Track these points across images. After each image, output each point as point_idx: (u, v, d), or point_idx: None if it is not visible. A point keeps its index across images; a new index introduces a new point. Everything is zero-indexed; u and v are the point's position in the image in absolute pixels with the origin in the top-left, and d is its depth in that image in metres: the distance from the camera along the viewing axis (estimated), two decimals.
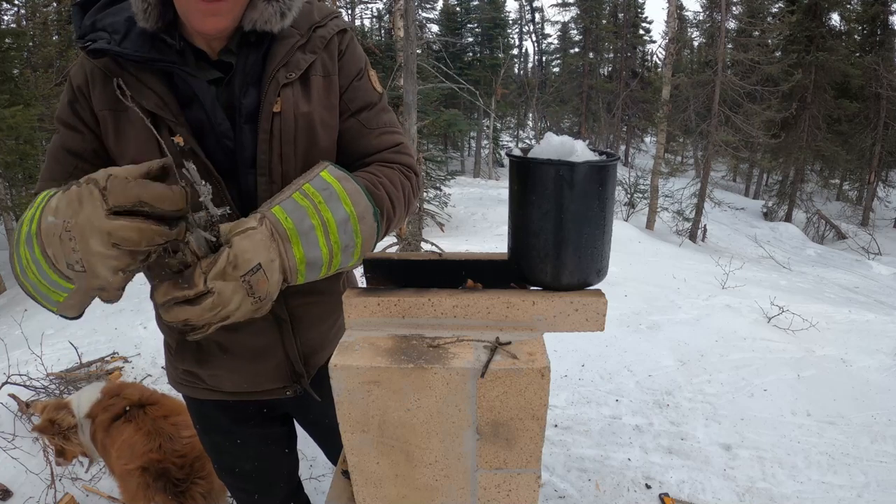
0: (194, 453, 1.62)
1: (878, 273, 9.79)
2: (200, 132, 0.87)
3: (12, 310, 5.65)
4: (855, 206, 16.57)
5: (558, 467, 2.43)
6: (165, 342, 1.13)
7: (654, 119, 14.01)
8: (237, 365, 1.05)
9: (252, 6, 0.85)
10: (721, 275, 5.58)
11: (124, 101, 0.81)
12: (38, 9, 12.13)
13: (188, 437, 1.65)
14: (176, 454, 1.59)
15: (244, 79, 0.88)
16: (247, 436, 1.21)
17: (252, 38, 0.88)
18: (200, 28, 0.80)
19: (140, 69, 0.85)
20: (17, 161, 7.78)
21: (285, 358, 1.06)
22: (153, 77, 0.85)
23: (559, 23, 35.91)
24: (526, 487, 0.75)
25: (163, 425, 1.67)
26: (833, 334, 3.83)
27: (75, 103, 0.88)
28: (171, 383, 1.17)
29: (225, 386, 1.09)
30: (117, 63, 0.84)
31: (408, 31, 5.59)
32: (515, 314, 0.77)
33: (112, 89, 0.84)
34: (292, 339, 1.05)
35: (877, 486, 2.34)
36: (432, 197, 11.08)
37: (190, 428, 1.66)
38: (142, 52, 0.83)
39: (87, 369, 3.05)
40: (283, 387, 1.10)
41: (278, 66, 0.88)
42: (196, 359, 1.06)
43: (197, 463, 1.60)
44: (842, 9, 15.21)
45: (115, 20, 0.85)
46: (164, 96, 0.84)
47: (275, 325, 1.02)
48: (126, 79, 0.84)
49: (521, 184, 0.75)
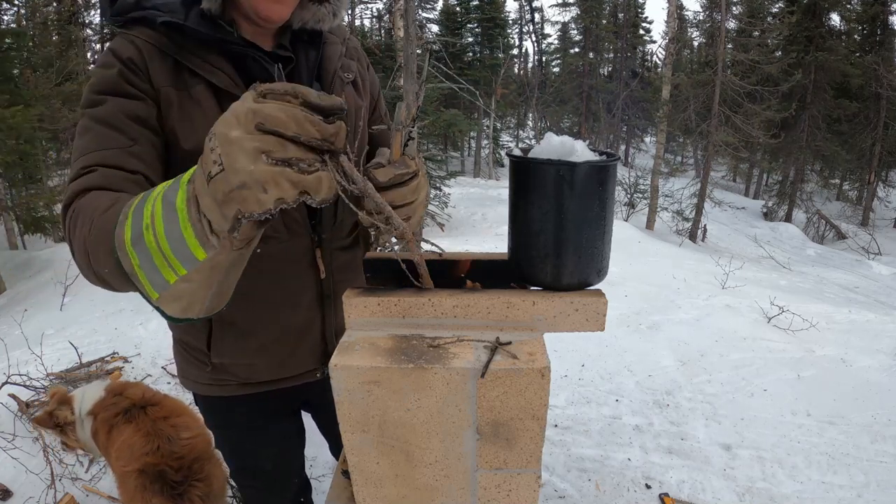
0: (192, 455, 1.59)
1: (878, 273, 9.79)
2: None
3: (12, 310, 5.65)
4: (855, 206, 16.56)
5: (558, 467, 2.43)
6: (183, 344, 1.09)
7: (654, 119, 14.01)
8: (276, 348, 1.06)
9: (302, 6, 0.92)
10: (721, 275, 5.58)
11: (191, 80, 0.84)
12: (38, 9, 12.14)
13: (187, 439, 1.62)
14: (174, 456, 1.56)
15: (310, 73, 0.95)
16: (268, 432, 1.22)
17: (304, 37, 0.96)
18: (266, 13, 0.84)
19: (206, 50, 0.86)
20: (17, 161, 7.78)
21: (321, 337, 1.09)
22: (219, 58, 0.87)
23: (559, 23, 35.95)
24: (526, 487, 0.75)
25: (162, 426, 1.64)
26: (833, 334, 3.82)
27: (128, 74, 0.83)
28: (190, 388, 1.14)
29: (260, 375, 1.09)
30: (173, 41, 0.84)
31: (408, 31, 5.59)
32: (515, 314, 0.77)
33: (171, 66, 0.85)
34: (333, 316, 1.08)
35: (877, 486, 2.34)
36: (432, 197, 11.07)
37: (190, 429, 1.65)
38: (210, 32, 0.85)
39: (87, 369, 3.05)
40: (314, 369, 1.12)
41: (337, 66, 0.99)
42: (234, 346, 1.04)
43: (195, 465, 1.57)
44: (842, 9, 15.20)
45: (167, 0, 0.86)
46: (233, 77, 0.87)
47: (318, 302, 1.05)
48: (187, 57, 0.85)
49: (522, 184, 0.75)
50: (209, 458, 1.62)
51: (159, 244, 0.58)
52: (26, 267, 7.65)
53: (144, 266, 0.61)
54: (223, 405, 1.16)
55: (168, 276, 0.60)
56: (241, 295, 0.90)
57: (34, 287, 6.67)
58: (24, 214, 8.13)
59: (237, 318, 1.02)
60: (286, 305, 1.02)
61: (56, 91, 9.37)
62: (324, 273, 1.03)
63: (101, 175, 0.76)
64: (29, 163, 8.40)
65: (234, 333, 1.03)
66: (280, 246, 0.97)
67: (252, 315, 1.02)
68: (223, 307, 0.69)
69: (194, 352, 1.09)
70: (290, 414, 1.27)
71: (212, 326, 1.04)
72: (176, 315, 0.65)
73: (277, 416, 1.21)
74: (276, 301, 1.01)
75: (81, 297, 5.22)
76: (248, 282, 0.90)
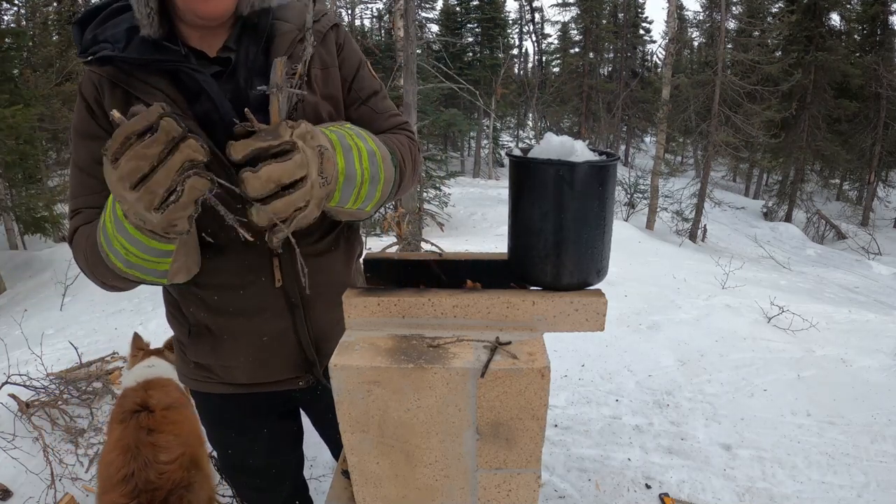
0: (168, 486, 1.46)
1: (878, 273, 9.79)
2: (210, 124, 0.90)
3: (12, 310, 5.65)
4: (855, 206, 16.56)
5: (558, 467, 2.43)
6: (175, 338, 1.15)
7: (654, 119, 14.00)
8: (251, 353, 1.06)
9: None
10: (721, 275, 5.57)
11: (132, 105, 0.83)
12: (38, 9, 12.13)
13: (165, 464, 1.50)
14: (149, 487, 1.44)
15: (248, 71, 0.92)
16: (257, 430, 1.22)
17: (250, 25, 0.92)
18: (203, 12, 0.83)
19: (145, 72, 0.88)
20: (17, 161, 7.78)
21: (297, 345, 1.08)
22: (159, 78, 0.88)
23: (559, 23, 35.90)
24: (526, 487, 0.75)
25: (143, 443, 1.53)
26: (833, 334, 3.82)
27: (92, 115, 0.91)
28: (181, 380, 1.20)
29: (238, 377, 1.10)
30: (122, 70, 0.88)
31: (408, 31, 5.59)
32: (515, 314, 0.77)
33: (122, 96, 0.88)
34: (304, 324, 1.06)
35: (877, 486, 2.34)
36: (432, 197, 11.07)
37: (170, 451, 1.54)
38: (146, 55, 0.86)
39: (87, 369, 3.05)
40: (296, 377, 1.12)
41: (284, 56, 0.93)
42: (211, 348, 1.07)
43: (171, 498, 1.45)
44: (841, 9, 15.21)
45: (115, 31, 0.88)
46: (171, 94, 0.88)
47: (288, 310, 1.04)
48: (132, 84, 0.88)
49: (521, 184, 0.75)
50: (188, 486, 1.50)
51: (141, 258, 0.78)
52: (26, 267, 7.65)
53: (145, 272, 0.82)
54: (213, 401, 1.19)
55: (163, 266, 0.81)
56: (208, 305, 1.01)
57: (34, 287, 6.68)
58: (23, 214, 8.13)
59: (209, 324, 1.04)
60: (251, 315, 1.02)
61: (56, 91, 9.38)
62: (280, 282, 1.00)
63: (85, 216, 0.92)
64: (29, 163, 8.40)
65: (209, 337, 1.06)
66: (237, 257, 0.96)
67: (223, 323, 1.04)
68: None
69: (181, 346, 1.13)
70: (282, 415, 1.26)
71: (190, 327, 1.06)
72: (188, 279, 0.91)
73: (267, 416, 1.22)
74: (240, 311, 1.02)
75: (81, 297, 5.22)
76: (211, 293, 1.00)
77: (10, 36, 8.12)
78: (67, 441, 2.42)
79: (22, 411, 2.52)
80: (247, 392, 1.13)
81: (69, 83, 9.84)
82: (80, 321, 4.51)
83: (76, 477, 2.25)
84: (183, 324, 1.09)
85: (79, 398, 2.67)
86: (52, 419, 2.51)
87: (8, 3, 10.35)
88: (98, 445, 2.40)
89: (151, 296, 5.06)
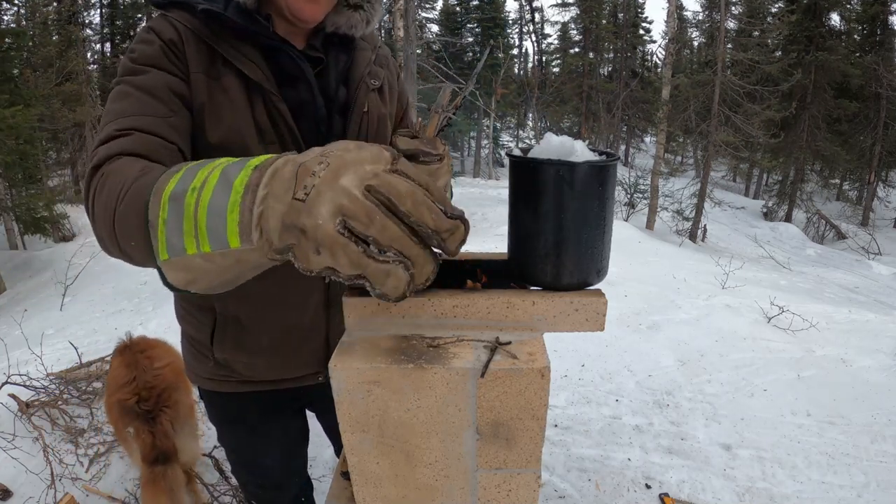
0: (162, 385, 1.87)
1: (878, 273, 9.79)
2: (299, 112, 0.91)
3: (12, 310, 5.65)
4: (855, 206, 16.57)
5: (558, 467, 2.43)
6: (189, 338, 1.12)
7: (654, 119, 14.00)
8: (278, 348, 1.05)
9: (337, 11, 0.94)
10: (721, 275, 5.58)
11: (223, 68, 0.84)
12: (38, 9, 12.13)
13: (158, 369, 1.92)
14: (147, 386, 1.85)
15: (338, 75, 0.96)
16: (271, 429, 1.22)
17: (336, 41, 0.96)
18: (299, 13, 0.86)
19: (238, 40, 0.86)
20: (18, 161, 7.78)
21: (324, 342, 1.08)
22: (252, 49, 0.87)
23: (559, 23, 35.92)
24: (526, 487, 0.75)
25: (139, 358, 1.95)
26: (833, 334, 3.82)
27: (168, 52, 0.84)
28: (196, 382, 1.16)
29: (261, 374, 1.09)
30: (211, 29, 0.86)
31: (408, 31, 5.59)
32: (515, 314, 0.77)
33: (205, 53, 0.85)
34: (338, 321, 1.07)
35: (877, 486, 2.34)
36: None
37: (161, 359, 1.97)
38: (252, 26, 0.86)
39: (87, 369, 3.04)
40: (316, 372, 1.12)
41: (364, 72, 0.99)
42: (236, 342, 1.04)
43: (164, 394, 1.86)
44: (842, 9, 15.22)
45: None
46: (265, 70, 0.87)
47: (324, 306, 1.05)
48: (222, 45, 0.86)
49: (521, 184, 0.75)
50: (177, 387, 1.91)
51: (197, 211, 0.53)
52: (26, 267, 7.66)
53: (170, 224, 0.55)
54: (226, 401, 1.16)
55: (189, 245, 0.55)
56: (248, 293, 0.90)
57: (34, 287, 6.68)
58: (23, 215, 8.14)
59: (241, 315, 1.02)
60: (292, 307, 1.02)
61: (56, 91, 9.38)
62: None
63: (137, 139, 0.73)
64: (29, 163, 8.40)
65: (236, 329, 1.03)
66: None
67: (256, 314, 1.02)
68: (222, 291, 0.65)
69: (199, 346, 1.10)
70: (294, 413, 1.27)
71: (216, 320, 1.04)
72: (176, 284, 0.60)
73: (280, 414, 1.22)
74: (281, 302, 1.01)
75: (81, 297, 5.23)
76: (256, 281, 0.84)
77: (10, 36, 8.13)
78: (67, 441, 2.42)
79: (22, 411, 2.52)
80: (268, 389, 1.12)
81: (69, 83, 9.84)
82: (80, 321, 4.51)
83: (76, 477, 2.25)
84: (203, 320, 1.05)
85: (79, 398, 2.67)
86: (52, 419, 2.51)
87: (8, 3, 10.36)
88: (98, 445, 2.41)
89: (151, 296, 5.07)
